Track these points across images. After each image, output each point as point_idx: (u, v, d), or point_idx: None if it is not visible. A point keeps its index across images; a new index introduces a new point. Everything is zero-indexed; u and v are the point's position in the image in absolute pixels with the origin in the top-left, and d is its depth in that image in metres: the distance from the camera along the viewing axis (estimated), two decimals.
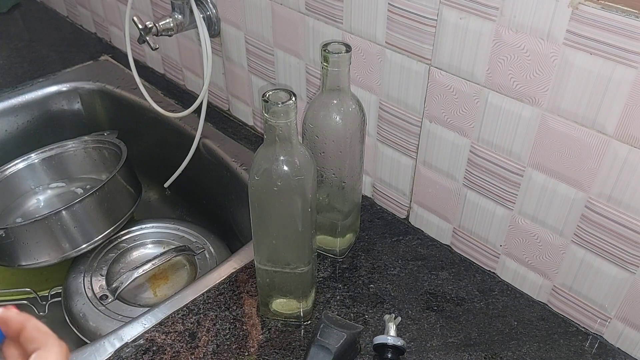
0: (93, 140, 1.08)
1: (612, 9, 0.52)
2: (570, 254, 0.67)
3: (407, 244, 0.81)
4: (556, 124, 0.61)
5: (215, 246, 0.97)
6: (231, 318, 0.71)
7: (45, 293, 0.98)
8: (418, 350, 0.67)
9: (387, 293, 0.74)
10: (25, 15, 1.49)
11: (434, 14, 0.66)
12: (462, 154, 0.72)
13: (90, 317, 0.85)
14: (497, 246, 0.75)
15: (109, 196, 0.92)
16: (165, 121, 1.08)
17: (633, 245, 0.61)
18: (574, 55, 0.56)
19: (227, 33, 0.97)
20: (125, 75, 1.21)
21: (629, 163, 0.57)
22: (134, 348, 0.67)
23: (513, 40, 0.60)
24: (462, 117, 0.69)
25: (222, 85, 1.06)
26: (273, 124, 0.57)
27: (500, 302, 0.73)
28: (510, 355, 0.67)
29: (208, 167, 1.04)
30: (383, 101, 0.78)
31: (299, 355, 0.67)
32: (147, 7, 1.13)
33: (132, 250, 0.97)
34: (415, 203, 0.82)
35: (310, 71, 0.86)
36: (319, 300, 0.73)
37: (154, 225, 1.01)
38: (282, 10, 0.84)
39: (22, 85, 1.18)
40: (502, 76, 0.63)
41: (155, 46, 0.95)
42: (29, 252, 0.88)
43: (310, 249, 0.65)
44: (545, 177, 0.65)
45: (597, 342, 0.68)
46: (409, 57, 0.71)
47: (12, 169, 1.05)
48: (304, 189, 0.60)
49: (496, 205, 0.72)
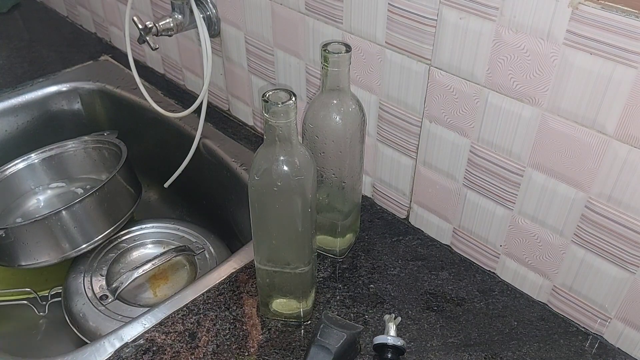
0: (93, 140, 1.08)
1: (612, 9, 0.52)
2: (570, 254, 0.67)
3: (407, 244, 0.81)
4: (556, 124, 0.61)
5: (215, 246, 0.97)
6: (231, 318, 0.71)
7: (45, 293, 0.98)
8: (418, 350, 0.67)
9: (387, 293, 0.74)
10: (25, 15, 1.49)
11: (434, 14, 0.66)
12: (462, 154, 0.72)
13: (90, 317, 0.85)
14: (497, 246, 0.75)
15: (109, 196, 0.92)
16: (165, 121, 1.08)
17: (633, 245, 0.61)
18: (574, 55, 0.56)
19: (227, 33, 0.97)
20: (125, 75, 1.21)
21: (629, 163, 0.57)
22: (134, 348, 0.67)
23: (513, 40, 0.60)
24: (462, 117, 0.69)
25: (222, 85, 1.06)
26: (273, 124, 0.57)
27: (500, 302, 0.73)
28: (510, 355, 0.67)
29: (208, 167, 1.04)
30: (383, 101, 0.78)
31: (299, 355, 0.67)
32: (147, 7, 1.13)
33: (132, 250, 0.97)
34: (415, 203, 0.82)
35: (310, 71, 0.86)
36: (319, 300, 0.73)
37: (154, 225, 1.01)
38: (282, 10, 0.84)
39: (22, 85, 1.18)
40: (502, 76, 0.63)
41: (155, 46, 0.95)
42: (29, 252, 0.88)
43: (310, 249, 0.65)
44: (545, 177, 0.65)
45: (597, 342, 0.68)
46: (409, 57, 0.71)
47: (12, 169, 1.05)
48: (304, 189, 0.60)
49: (496, 205, 0.72)
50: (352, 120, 0.69)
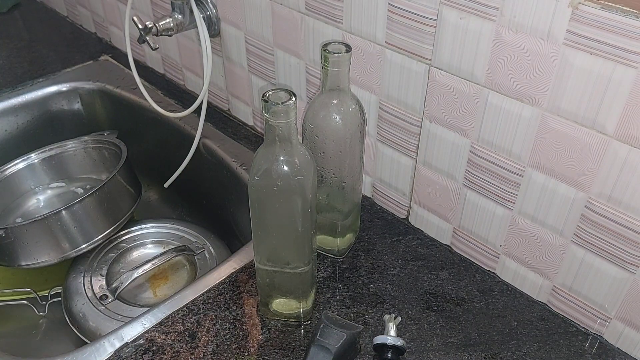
0: (93, 140, 1.08)
1: (612, 9, 0.52)
2: (570, 254, 0.67)
3: (407, 244, 0.81)
4: (556, 124, 0.61)
5: (215, 246, 0.97)
6: (231, 318, 0.71)
7: (45, 293, 0.98)
8: (418, 350, 0.67)
9: (387, 293, 0.74)
10: (25, 15, 1.49)
11: (434, 14, 0.66)
12: (462, 154, 0.72)
13: (90, 317, 0.85)
14: (497, 246, 0.75)
15: (109, 196, 0.92)
16: (165, 121, 1.08)
17: (633, 245, 0.61)
18: (574, 56, 0.56)
19: (227, 33, 0.97)
20: (125, 75, 1.21)
21: (629, 163, 0.57)
22: (134, 348, 0.67)
23: (513, 40, 0.60)
24: (462, 117, 0.69)
25: (222, 85, 1.06)
26: (273, 124, 0.57)
27: (500, 302, 0.73)
28: (510, 355, 0.67)
29: (208, 167, 1.04)
30: (383, 101, 0.78)
31: (299, 355, 0.67)
32: (147, 7, 1.13)
33: (132, 250, 0.97)
34: (415, 203, 0.82)
35: (310, 71, 0.86)
36: (319, 300, 0.73)
37: (154, 225, 1.01)
38: (282, 10, 0.84)
39: (22, 85, 1.18)
40: (502, 76, 0.63)
41: (155, 46, 0.95)
42: (29, 252, 0.88)
43: (310, 249, 0.65)
44: (545, 177, 0.65)
45: (597, 342, 0.68)
46: (409, 57, 0.71)
47: (12, 169, 1.05)
48: (304, 189, 0.60)
49: (496, 205, 0.72)
50: (352, 120, 0.69)
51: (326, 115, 0.68)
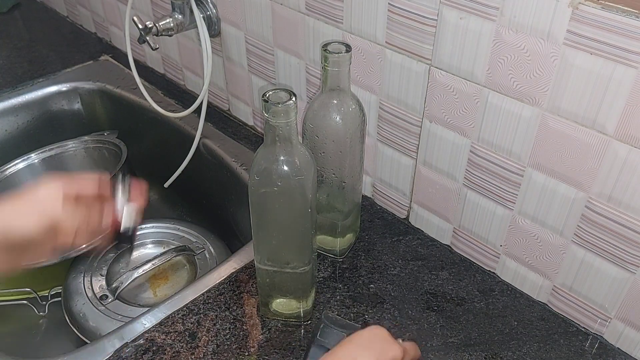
0: (93, 140, 1.08)
1: (612, 9, 0.52)
2: (570, 254, 0.67)
3: (407, 244, 0.81)
4: (556, 124, 0.61)
5: (215, 246, 0.97)
6: (231, 318, 0.71)
7: (45, 293, 0.98)
8: None
9: (387, 293, 0.74)
10: (25, 15, 1.49)
11: (434, 14, 0.66)
12: (462, 154, 0.72)
13: (90, 317, 0.85)
14: (497, 246, 0.75)
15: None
16: (165, 121, 1.08)
17: (633, 245, 0.61)
18: (574, 55, 0.56)
19: (227, 33, 0.97)
20: (125, 75, 1.21)
21: (629, 163, 0.57)
22: (134, 348, 0.67)
23: (513, 40, 0.60)
24: (462, 117, 0.69)
25: (222, 85, 1.06)
26: (273, 124, 0.57)
27: (500, 302, 0.73)
28: (510, 355, 0.67)
29: (208, 167, 1.03)
30: (383, 101, 0.78)
31: (299, 355, 0.67)
32: (147, 7, 1.13)
33: (132, 250, 0.97)
34: (415, 203, 0.82)
35: (310, 71, 0.86)
36: (319, 300, 0.73)
37: (154, 225, 1.01)
38: (282, 10, 0.84)
39: (22, 85, 1.18)
40: (502, 76, 0.63)
41: (155, 46, 0.95)
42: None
43: (310, 249, 0.65)
44: (545, 177, 0.65)
45: (597, 342, 0.68)
46: (409, 57, 0.71)
47: (12, 169, 1.05)
48: (304, 189, 0.60)
49: (496, 205, 0.72)
50: (352, 120, 0.69)
51: (326, 115, 0.68)
